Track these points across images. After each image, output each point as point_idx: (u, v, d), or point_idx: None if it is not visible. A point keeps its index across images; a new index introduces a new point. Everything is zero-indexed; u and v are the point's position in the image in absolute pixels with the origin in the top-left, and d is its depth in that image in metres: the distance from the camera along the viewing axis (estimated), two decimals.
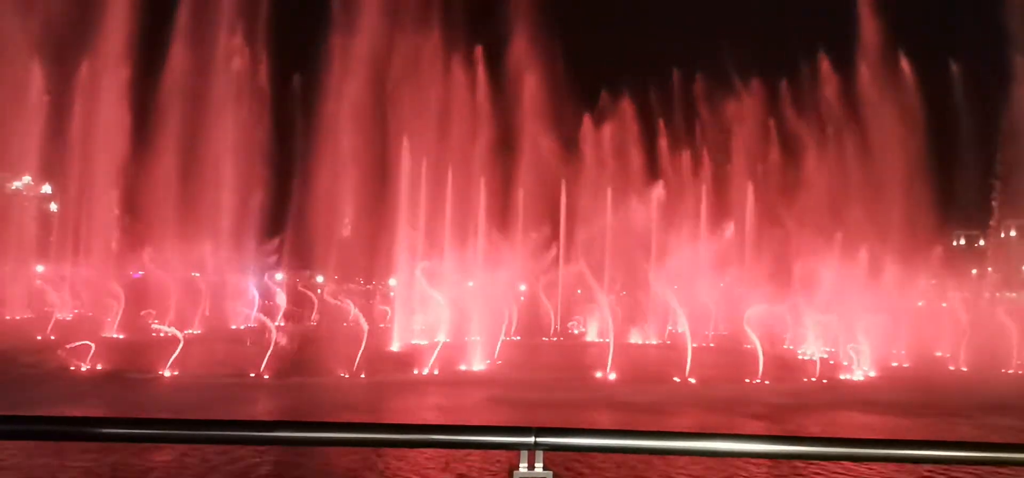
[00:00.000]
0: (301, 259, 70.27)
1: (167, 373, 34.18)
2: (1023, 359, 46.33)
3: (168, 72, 59.71)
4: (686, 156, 67.19)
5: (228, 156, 61.32)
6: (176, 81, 59.64)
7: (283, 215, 67.29)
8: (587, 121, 66.01)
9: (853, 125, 61.61)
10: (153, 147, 59.17)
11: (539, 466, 4.11)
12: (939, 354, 48.89)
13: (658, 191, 62.46)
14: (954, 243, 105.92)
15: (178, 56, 60.27)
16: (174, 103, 59.27)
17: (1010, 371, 44.95)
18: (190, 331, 46.04)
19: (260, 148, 63.48)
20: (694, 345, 41.24)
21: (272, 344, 36.96)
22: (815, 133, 63.38)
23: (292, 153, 67.74)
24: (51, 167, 72.38)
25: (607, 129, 65.93)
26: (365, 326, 39.80)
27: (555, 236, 64.71)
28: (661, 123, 69.34)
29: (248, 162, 62.42)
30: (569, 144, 65.07)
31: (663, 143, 68.32)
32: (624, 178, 64.28)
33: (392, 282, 72.46)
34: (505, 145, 61.98)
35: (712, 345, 51.31)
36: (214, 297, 57.78)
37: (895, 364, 45.02)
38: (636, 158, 65.93)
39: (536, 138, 62.49)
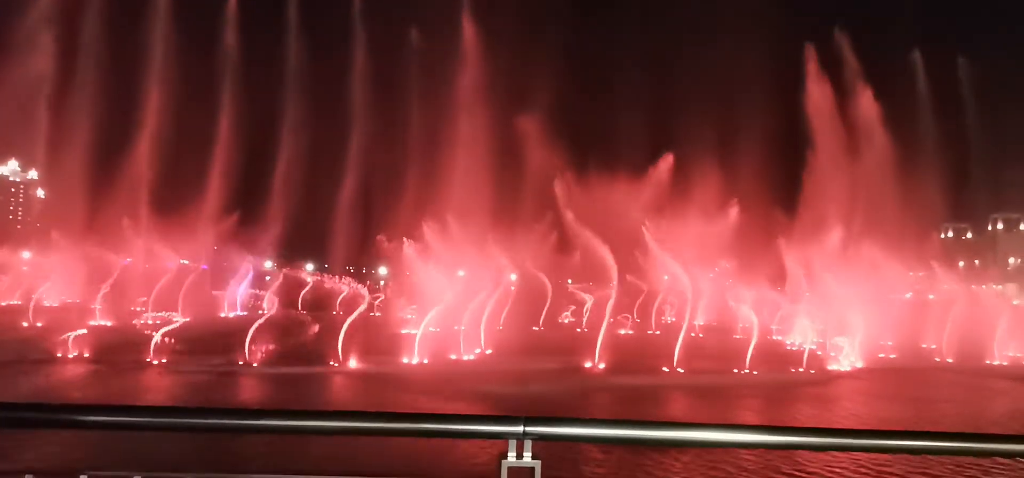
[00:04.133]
0: (292, 248, 70.11)
1: (154, 360, 34.05)
2: (1008, 351, 46.82)
3: (156, 56, 59.38)
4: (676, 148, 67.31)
5: (218, 144, 61.03)
6: (164, 65, 59.35)
7: (274, 204, 67.04)
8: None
9: (844, 119, 61.97)
10: (146, 134, 58.85)
11: (527, 455, 4.09)
12: (925, 346, 49.30)
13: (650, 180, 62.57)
14: (942, 236, 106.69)
15: (167, 40, 59.95)
16: (163, 88, 58.97)
17: (994, 362, 45.41)
18: (179, 318, 45.83)
19: (253, 135, 63.24)
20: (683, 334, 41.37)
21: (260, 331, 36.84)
22: (807, 127, 63.54)
23: (285, 142, 67.44)
24: (38, 152, 71.74)
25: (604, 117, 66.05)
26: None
27: (550, 226, 64.64)
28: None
29: (240, 150, 62.15)
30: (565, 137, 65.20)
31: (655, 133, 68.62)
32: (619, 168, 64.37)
33: (382, 271, 72.42)
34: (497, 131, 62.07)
35: (701, 335, 51.50)
36: (203, 285, 57.58)
37: (882, 355, 45.35)
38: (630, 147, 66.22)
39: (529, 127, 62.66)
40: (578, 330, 55.87)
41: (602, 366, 36.97)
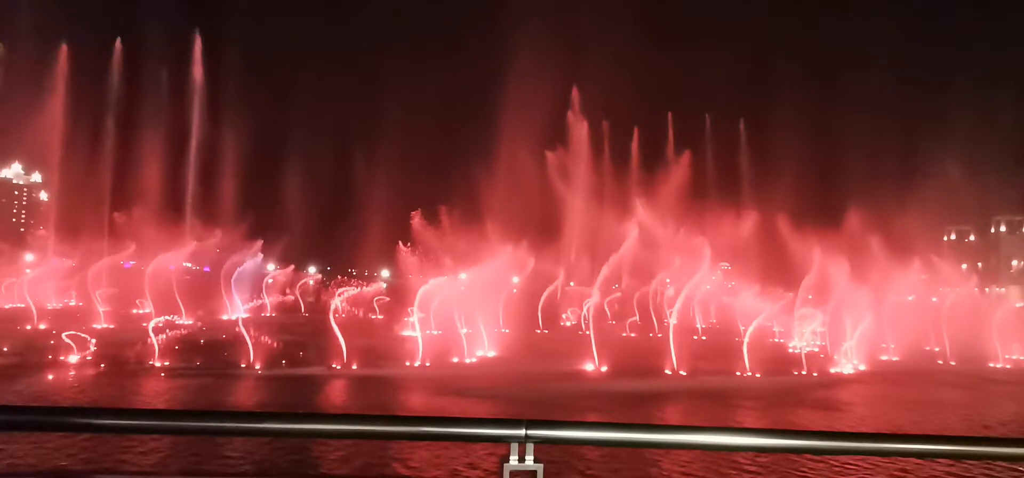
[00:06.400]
0: (292, 251, 70.28)
1: (158, 364, 34.05)
2: (1010, 354, 46.70)
3: (157, 61, 59.64)
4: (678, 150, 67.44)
5: (220, 148, 61.19)
6: (165, 71, 59.59)
7: (274, 207, 67.21)
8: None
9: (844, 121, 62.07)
10: (146, 138, 59.03)
11: (529, 459, 4.08)
12: (928, 348, 49.18)
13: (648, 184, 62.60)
14: (945, 238, 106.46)
15: (167, 45, 60.19)
16: (164, 93, 59.19)
17: (997, 365, 45.29)
18: (181, 321, 45.88)
19: (251, 139, 63.39)
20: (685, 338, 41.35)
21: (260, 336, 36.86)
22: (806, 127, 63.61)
23: (285, 144, 67.61)
24: (41, 156, 72.00)
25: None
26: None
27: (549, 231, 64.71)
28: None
29: (240, 153, 62.29)
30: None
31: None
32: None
33: (384, 274, 72.47)
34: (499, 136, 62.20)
35: (704, 337, 51.45)
36: (205, 289, 57.62)
37: (885, 358, 45.25)
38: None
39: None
40: (580, 332, 55.77)
41: (604, 369, 36.91)
